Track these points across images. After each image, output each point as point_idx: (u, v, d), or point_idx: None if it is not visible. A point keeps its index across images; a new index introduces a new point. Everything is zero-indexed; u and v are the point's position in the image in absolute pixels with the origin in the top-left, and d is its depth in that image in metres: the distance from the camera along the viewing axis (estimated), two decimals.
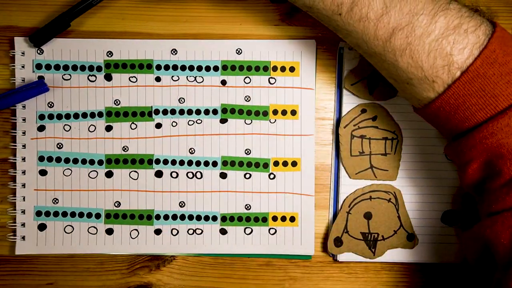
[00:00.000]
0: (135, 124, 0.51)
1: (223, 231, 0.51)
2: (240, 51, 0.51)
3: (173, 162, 0.51)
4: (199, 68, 0.51)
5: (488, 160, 0.39)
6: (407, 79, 0.40)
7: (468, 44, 0.38)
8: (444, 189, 0.51)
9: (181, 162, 0.51)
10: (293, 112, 0.51)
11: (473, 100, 0.38)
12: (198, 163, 0.51)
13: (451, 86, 0.38)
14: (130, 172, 0.51)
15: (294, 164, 0.51)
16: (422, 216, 0.51)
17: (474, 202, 0.43)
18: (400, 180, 0.51)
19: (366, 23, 0.39)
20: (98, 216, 0.51)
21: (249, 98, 0.51)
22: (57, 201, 0.51)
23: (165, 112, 0.51)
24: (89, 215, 0.51)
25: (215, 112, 0.51)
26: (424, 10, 0.38)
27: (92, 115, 0.51)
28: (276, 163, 0.51)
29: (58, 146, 0.51)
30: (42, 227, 0.51)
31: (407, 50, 0.39)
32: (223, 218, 0.51)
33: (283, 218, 0.51)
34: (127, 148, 0.51)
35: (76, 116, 0.51)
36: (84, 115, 0.51)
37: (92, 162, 0.51)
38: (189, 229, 0.51)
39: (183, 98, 0.51)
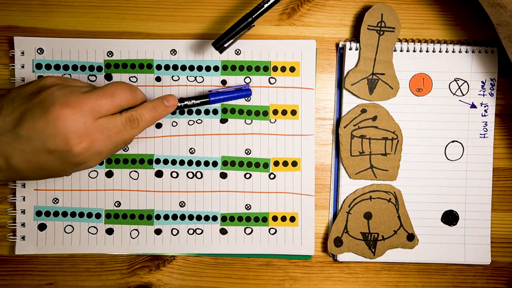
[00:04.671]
0: None
1: (223, 231, 0.51)
2: (240, 51, 0.51)
3: (173, 162, 0.51)
4: (199, 68, 0.51)
5: None
6: None
7: None
8: (444, 189, 0.51)
9: (181, 162, 0.51)
10: (293, 112, 0.51)
11: None
12: (198, 163, 0.51)
13: None
14: (130, 172, 0.51)
15: (294, 164, 0.51)
16: (422, 216, 0.51)
17: None
18: (400, 180, 0.51)
19: None
20: (98, 216, 0.51)
21: (249, 98, 0.51)
22: (57, 201, 0.51)
23: None
24: (89, 215, 0.51)
25: (215, 112, 0.51)
26: None
27: None
28: (276, 163, 0.51)
29: None
30: (42, 227, 0.51)
31: None
32: (223, 218, 0.51)
33: (283, 218, 0.51)
34: (127, 148, 0.51)
35: None
36: None
37: None
38: (189, 229, 0.51)
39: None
